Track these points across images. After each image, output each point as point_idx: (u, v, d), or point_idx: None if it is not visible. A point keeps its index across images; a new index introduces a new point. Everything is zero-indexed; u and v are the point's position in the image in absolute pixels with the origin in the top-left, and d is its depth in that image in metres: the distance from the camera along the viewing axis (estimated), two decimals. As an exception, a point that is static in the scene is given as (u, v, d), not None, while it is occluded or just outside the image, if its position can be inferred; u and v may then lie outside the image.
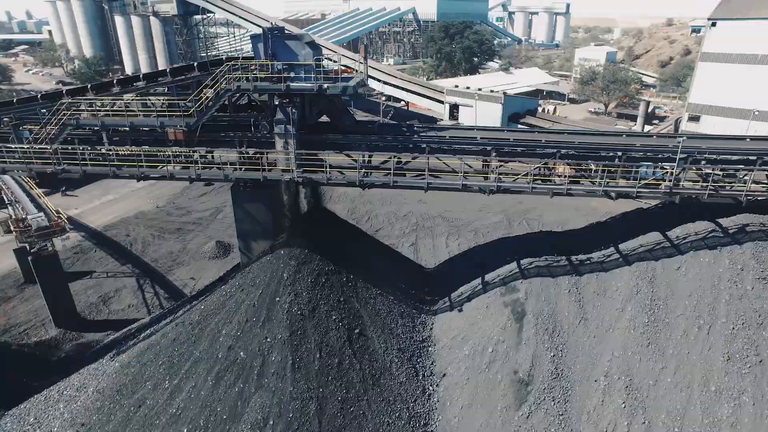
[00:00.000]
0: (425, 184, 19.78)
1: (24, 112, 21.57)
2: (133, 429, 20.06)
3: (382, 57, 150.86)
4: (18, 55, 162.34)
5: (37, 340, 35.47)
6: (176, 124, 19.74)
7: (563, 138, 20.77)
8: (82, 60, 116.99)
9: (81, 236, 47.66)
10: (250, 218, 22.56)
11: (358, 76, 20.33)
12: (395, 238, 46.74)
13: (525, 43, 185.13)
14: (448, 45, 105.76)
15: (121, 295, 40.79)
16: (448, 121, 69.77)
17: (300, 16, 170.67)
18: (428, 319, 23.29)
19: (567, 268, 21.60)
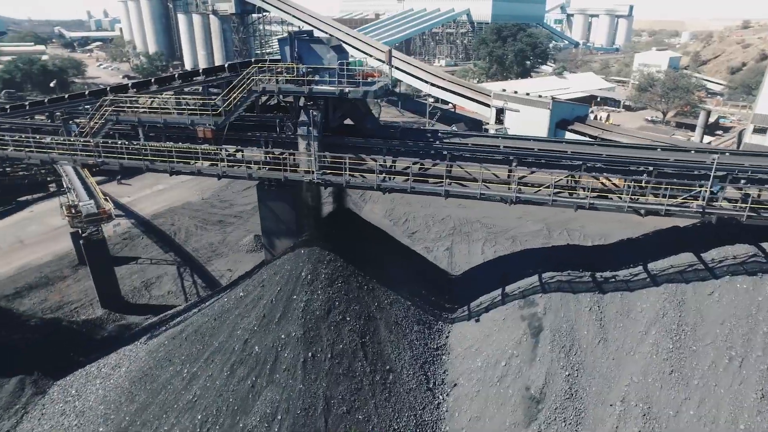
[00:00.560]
0: (443, 191, 19.59)
1: (73, 106, 23.10)
2: (153, 411, 21.09)
3: (433, 58, 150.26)
4: (92, 50, 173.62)
5: (84, 318, 37.90)
6: (205, 122, 20.55)
7: (591, 150, 19.97)
8: (145, 56, 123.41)
9: (131, 223, 50.42)
10: (274, 216, 23.14)
11: (382, 80, 20.39)
12: (430, 241, 46.57)
13: (582, 47, 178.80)
14: (500, 47, 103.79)
15: (162, 281, 42.84)
16: (493, 125, 68.60)
17: (354, 16, 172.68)
18: (445, 327, 23.06)
19: (590, 285, 20.77)
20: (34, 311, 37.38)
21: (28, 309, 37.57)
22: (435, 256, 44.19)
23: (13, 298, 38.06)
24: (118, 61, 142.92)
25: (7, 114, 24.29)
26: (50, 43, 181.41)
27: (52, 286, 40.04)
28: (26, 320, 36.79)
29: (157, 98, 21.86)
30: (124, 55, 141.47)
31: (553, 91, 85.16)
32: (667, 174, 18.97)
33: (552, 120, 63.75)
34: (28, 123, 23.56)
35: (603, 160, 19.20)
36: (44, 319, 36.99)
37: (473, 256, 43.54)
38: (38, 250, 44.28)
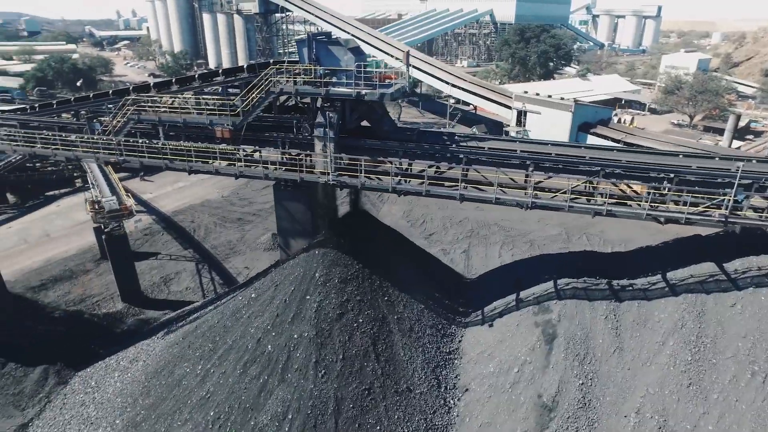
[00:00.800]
0: (458, 195, 19.47)
1: (97, 105, 23.65)
2: (168, 406, 21.47)
3: (455, 59, 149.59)
4: (120, 49, 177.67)
5: (106, 311, 38.83)
6: (224, 122, 20.82)
7: (610, 155, 19.59)
8: (170, 54, 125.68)
9: (152, 219, 51.43)
10: (290, 216, 23.31)
11: (399, 83, 20.37)
12: (447, 243, 46.37)
13: (607, 48, 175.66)
14: (523, 49, 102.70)
15: (180, 277, 43.59)
16: (514, 127, 67.90)
17: (377, 16, 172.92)
18: (458, 331, 22.92)
19: (606, 293, 20.39)
20: (58, 303, 38.44)
21: (52, 301, 38.65)
22: (452, 259, 43.97)
23: (38, 290, 39.18)
24: (144, 60, 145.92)
25: (36, 112, 25.01)
26: (81, 42, 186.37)
27: (75, 279, 41.12)
28: (50, 312, 37.85)
29: (177, 98, 22.21)
30: (150, 53, 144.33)
31: (576, 93, 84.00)
32: (688, 181, 18.50)
33: (574, 123, 62.94)
34: (55, 121, 24.23)
35: (622, 166, 18.83)
36: (67, 311, 38.01)
37: (490, 259, 43.20)
38: (63, 243, 45.51)
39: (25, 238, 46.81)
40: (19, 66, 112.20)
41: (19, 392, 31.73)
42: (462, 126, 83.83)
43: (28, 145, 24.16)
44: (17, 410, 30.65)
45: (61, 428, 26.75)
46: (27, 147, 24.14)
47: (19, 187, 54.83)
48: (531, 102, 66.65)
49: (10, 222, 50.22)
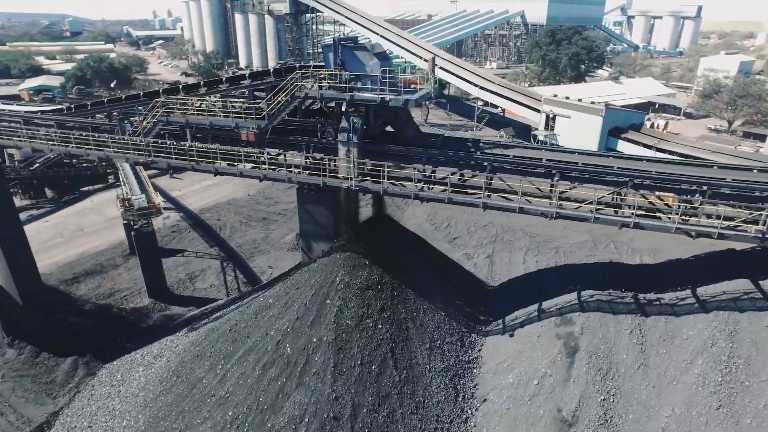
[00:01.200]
0: (481, 203, 19.21)
1: (129, 107, 24.26)
2: (187, 404, 21.85)
3: (484, 60, 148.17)
4: (155, 48, 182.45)
5: (133, 306, 39.87)
6: (249, 126, 21.07)
7: (639, 166, 18.98)
8: (202, 54, 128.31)
9: (180, 216, 52.55)
10: (313, 220, 23.42)
11: (424, 88, 20.22)
12: (471, 248, 45.87)
13: (642, 50, 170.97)
14: (554, 51, 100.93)
15: (205, 275, 44.41)
16: (543, 131, 66.78)
17: (406, 17, 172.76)
18: (478, 340, 22.63)
19: (631, 306, 19.79)
20: (89, 297, 39.65)
21: (83, 294, 39.90)
22: (475, 263, 43.50)
23: (71, 283, 40.51)
24: (177, 59, 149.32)
25: (71, 113, 25.84)
26: (118, 42, 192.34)
27: (105, 273, 42.33)
28: (82, 305, 39.09)
29: (205, 101, 22.59)
30: (183, 53, 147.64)
31: (607, 96, 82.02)
32: (723, 194, 17.79)
33: (604, 127, 61.51)
34: (88, 121, 24.97)
35: (651, 177, 18.24)
36: (97, 304, 39.18)
37: (514, 265, 42.53)
38: (95, 238, 46.94)
39: (60, 232, 48.48)
40: (62, 65, 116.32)
41: (51, 381, 32.91)
42: (489, 129, 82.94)
43: (63, 145, 24.97)
44: (49, 398, 31.81)
45: (88, 419, 27.54)
46: (62, 147, 24.96)
47: (57, 183, 56.83)
48: (560, 106, 65.41)
49: (47, 216, 52.13)
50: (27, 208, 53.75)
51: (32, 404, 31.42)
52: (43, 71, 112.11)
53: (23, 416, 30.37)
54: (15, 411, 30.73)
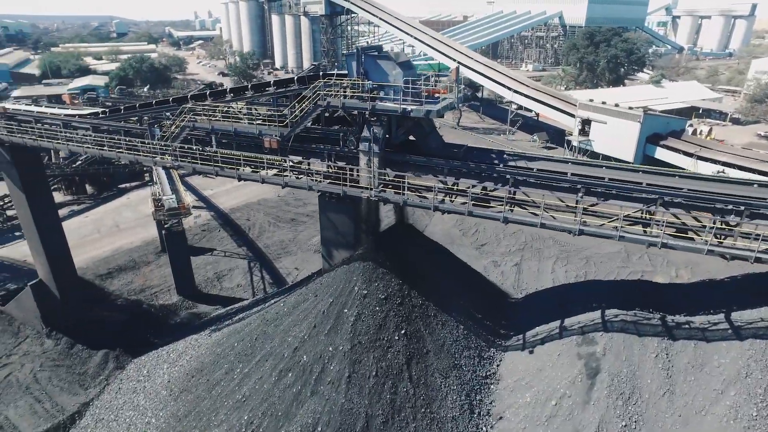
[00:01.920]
0: (501, 217, 18.76)
1: (158, 112, 24.90)
2: (205, 406, 22.25)
3: (520, 62, 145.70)
4: (195, 48, 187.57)
5: (162, 303, 41.03)
6: (272, 133, 21.26)
7: (671, 182, 18.12)
8: (238, 54, 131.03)
9: (211, 215, 53.77)
10: (334, 227, 23.45)
11: (447, 98, 19.90)
12: (499, 255, 45.16)
13: (687, 52, 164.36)
14: (592, 53, 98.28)
15: (233, 274, 45.27)
16: (577, 136, 65.09)
17: (442, 18, 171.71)
18: (497, 355, 22.16)
19: (659, 329, 18.94)
20: (121, 292, 41.05)
21: (116, 289, 41.33)
22: (502, 271, 42.81)
23: (105, 278, 42.03)
24: (215, 59, 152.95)
25: (106, 117, 26.73)
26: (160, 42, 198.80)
27: (138, 270, 43.73)
28: (114, 299, 40.51)
29: (231, 107, 22.92)
30: (221, 53, 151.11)
31: (647, 101, 79.32)
32: (763, 215, 16.78)
33: (642, 134, 59.54)
34: (121, 125, 25.77)
35: (683, 195, 17.38)
36: (128, 300, 40.52)
37: (542, 275, 41.64)
38: (130, 235, 48.58)
39: (98, 228, 50.41)
40: (107, 65, 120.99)
41: (84, 372, 34.24)
42: (522, 133, 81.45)
43: (97, 148, 25.86)
44: (81, 389, 33.10)
45: (114, 412, 28.44)
46: (96, 149, 25.86)
47: (97, 179, 59.10)
48: (596, 111, 63.59)
49: (87, 212, 54.30)
50: (69, 203, 56.18)
51: (66, 393, 32.74)
52: (90, 71, 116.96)
53: (57, 404, 31.69)
54: (51, 399, 32.11)
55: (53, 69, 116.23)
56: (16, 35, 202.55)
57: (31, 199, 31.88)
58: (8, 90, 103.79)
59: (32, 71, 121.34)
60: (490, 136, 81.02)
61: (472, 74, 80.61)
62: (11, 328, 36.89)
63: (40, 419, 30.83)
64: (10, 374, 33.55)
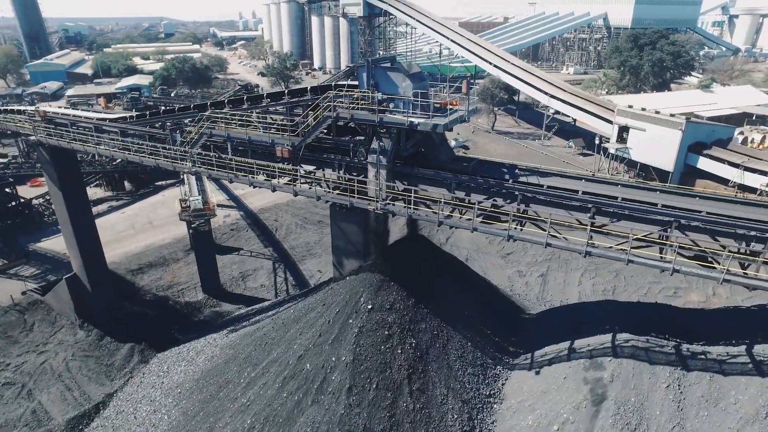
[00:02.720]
0: (506, 234, 18.30)
1: (180, 118, 25.65)
2: (212, 407, 22.79)
3: (561, 65, 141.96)
4: (237, 48, 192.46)
5: (187, 300, 42.32)
6: (284, 142, 21.52)
7: (690, 204, 17.17)
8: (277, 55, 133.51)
9: (240, 215, 54.99)
10: (344, 236, 23.53)
11: (457, 111, 19.58)
12: (525, 265, 44.22)
13: (744, 54, 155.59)
14: (636, 56, 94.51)
15: (257, 274, 46.17)
16: (614, 143, 62.82)
17: (482, 19, 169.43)
18: (503, 373, 21.66)
19: (672, 357, 18.00)
20: (150, 287, 42.58)
21: (146, 284, 42.90)
22: (527, 281, 41.91)
23: (136, 274, 43.68)
24: (256, 59, 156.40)
25: (133, 121, 27.80)
26: (204, 42, 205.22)
27: (167, 266, 45.23)
28: (143, 294, 42.07)
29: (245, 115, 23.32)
30: (262, 53, 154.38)
31: (694, 107, 75.75)
32: (786, 243, 15.68)
33: (684, 142, 56.95)
34: (146, 130, 26.72)
35: (701, 219, 16.45)
36: (156, 295, 41.99)
37: (569, 287, 40.50)
38: (162, 232, 50.27)
39: (133, 224, 52.46)
40: (153, 65, 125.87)
41: (111, 364, 35.72)
42: (558, 138, 79.35)
43: (123, 152, 26.93)
44: (107, 379, 34.55)
45: (134, 405, 29.54)
46: (122, 153, 26.93)
47: (135, 176, 61.49)
48: (635, 117, 61.16)
49: (124, 208, 56.62)
50: (108, 199, 58.74)
51: (93, 383, 34.25)
52: (137, 71, 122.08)
53: (85, 393, 33.19)
54: (79, 388, 33.66)
55: (104, 69, 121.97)
56: (75, 37, 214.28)
57: (67, 197, 33.52)
58: (63, 89, 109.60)
59: (85, 71, 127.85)
60: (525, 141, 79.39)
61: (508, 78, 79.20)
62: (49, 317, 38.92)
63: (69, 406, 32.34)
64: (45, 361, 35.36)
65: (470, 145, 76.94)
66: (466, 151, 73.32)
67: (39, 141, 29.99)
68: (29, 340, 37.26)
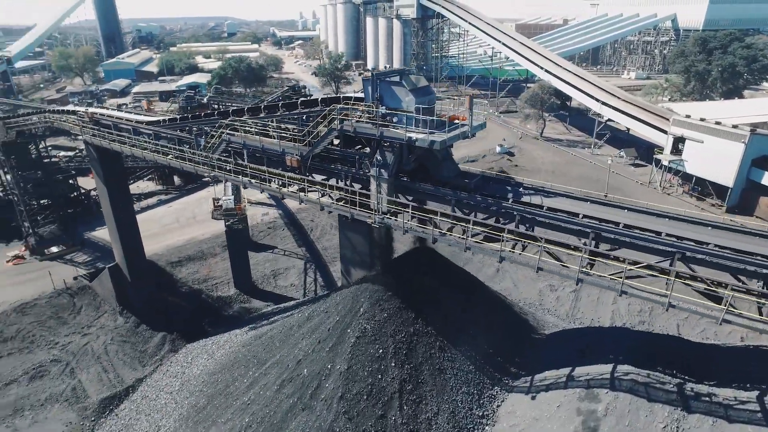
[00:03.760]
0: (499, 256, 17.87)
1: (206, 124, 26.86)
2: (218, 402, 23.79)
3: (622, 69, 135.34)
4: (294, 48, 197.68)
5: (220, 294, 44.15)
6: (293, 152, 22.08)
7: (697, 235, 16.05)
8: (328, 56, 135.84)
9: (278, 214, 56.59)
10: (351, 246, 23.84)
11: (459, 128, 19.30)
12: (557, 278, 42.68)
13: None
14: (703, 61, 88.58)
15: (289, 273, 47.39)
16: (668, 155, 59.23)
17: (540, 21, 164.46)
18: (500, 394, 21.17)
19: (672, 396, 16.91)
20: (187, 280, 44.77)
21: (183, 277, 45.15)
22: (558, 296, 40.65)
23: (175, 266, 46.05)
24: (311, 59, 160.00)
25: (166, 124, 29.37)
26: (264, 42, 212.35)
27: (204, 260, 47.37)
28: (180, 286, 44.32)
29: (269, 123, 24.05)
30: (317, 53, 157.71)
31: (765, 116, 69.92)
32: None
33: (746, 156, 53.17)
34: (176, 134, 28.21)
35: (707, 252, 15.35)
36: (192, 288, 44.11)
37: (602, 305, 38.87)
38: (203, 227, 52.61)
39: (178, 218, 55.32)
40: (213, 64, 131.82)
41: (144, 350, 37.94)
42: (610, 147, 75.84)
43: (153, 153, 28.58)
44: (140, 365, 36.74)
45: (156, 392, 31.30)
46: (153, 154, 28.58)
47: (184, 172, 64.57)
48: (692, 128, 57.40)
49: (172, 202, 59.81)
50: (158, 193, 62.27)
51: (127, 368, 36.56)
52: (198, 69, 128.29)
53: (119, 376, 35.48)
54: (114, 370, 36.03)
55: (168, 67, 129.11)
56: (147, 37, 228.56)
57: (111, 193, 35.95)
58: (131, 86, 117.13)
59: (151, 69, 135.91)
60: (574, 149, 76.46)
61: (558, 83, 76.69)
62: (95, 302, 41.86)
63: (104, 387, 34.70)
64: (88, 343, 38.10)
65: (516, 151, 75.01)
66: (511, 158, 71.63)
67: (85, 140, 32.34)
68: (76, 322, 40.21)
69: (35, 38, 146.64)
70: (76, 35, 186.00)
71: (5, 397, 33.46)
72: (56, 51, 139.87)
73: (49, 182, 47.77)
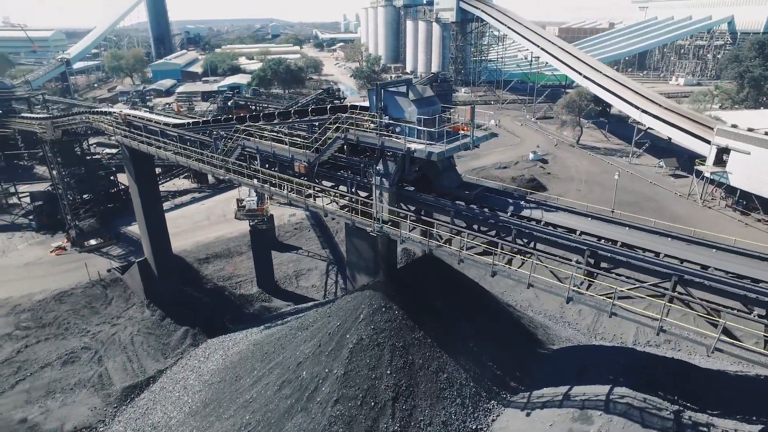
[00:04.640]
0: (491, 270, 17.67)
1: (224, 128, 27.81)
2: (224, 398, 24.58)
3: (670, 75, 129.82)
4: (336, 50, 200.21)
5: (242, 292, 45.40)
6: (301, 159, 22.58)
7: (698, 257, 15.35)
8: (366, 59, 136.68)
9: (305, 215, 57.58)
10: (356, 252, 24.11)
11: (459, 140, 19.21)
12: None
13: None
14: (760, 66, 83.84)
15: (311, 274, 48.18)
16: (710, 166, 56.46)
17: (584, 25, 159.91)
18: (496, 408, 20.90)
19: (668, 424, 16.23)
20: (212, 277, 46.29)
21: (209, 274, 46.69)
22: (580, 310, 39.54)
23: (202, 262, 47.69)
24: (351, 61, 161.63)
25: (189, 127, 30.59)
26: (306, 44, 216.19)
27: (230, 258, 48.81)
28: (205, 283, 45.87)
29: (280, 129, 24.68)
30: (357, 56, 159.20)
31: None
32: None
33: (798, 170, 49.96)
34: (198, 137, 29.32)
35: (706, 277, 14.68)
36: (216, 285, 45.58)
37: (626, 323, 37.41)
38: (232, 225, 54.04)
39: (209, 215, 57.25)
40: (254, 65, 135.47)
41: (167, 343, 39.45)
42: (649, 156, 73.04)
43: (175, 155, 29.82)
44: (162, 357, 38.24)
45: (173, 384, 32.56)
46: (176, 156, 29.83)
47: (212, 172, 66.77)
48: (738, 138, 54.51)
49: (204, 200, 61.92)
50: (192, 190, 64.61)
51: (150, 359, 38.14)
52: (240, 70, 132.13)
53: (142, 366, 37.06)
54: (138, 361, 37.67)
55: (212, 68, 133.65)
56: (194, 38, 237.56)
57: (141, 191, 37.70)
58: (175, 86, 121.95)
59: (196, 69, 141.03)
60: (611, 157, 74.06)
61: (596, 89, 74.55)
62: (125, 294, 43.89)
63: (127, 376, 36.34)
64: (116, 333, 39.98)
65: (549, 159, 73.32)
66: (544, 165, 70.14)
67: (117, 141, 34.07)
68: (107, 312, 42.28)
69: (92, 40, 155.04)
70: (129, 37, 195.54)
71: (40, 379, 35.55)
72: (109, 52, 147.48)
73: (91, 178, 50.53)
